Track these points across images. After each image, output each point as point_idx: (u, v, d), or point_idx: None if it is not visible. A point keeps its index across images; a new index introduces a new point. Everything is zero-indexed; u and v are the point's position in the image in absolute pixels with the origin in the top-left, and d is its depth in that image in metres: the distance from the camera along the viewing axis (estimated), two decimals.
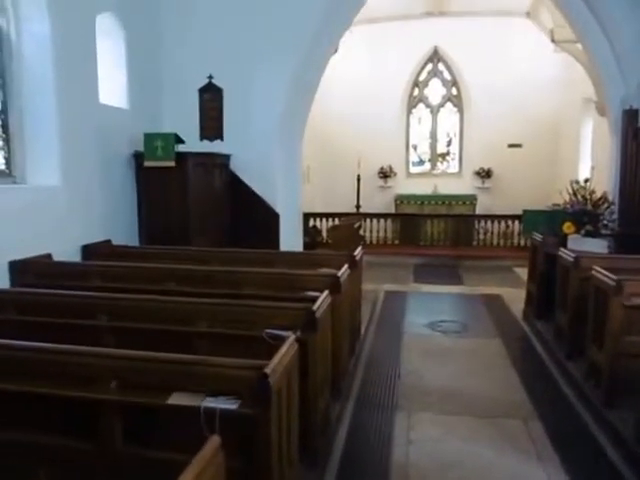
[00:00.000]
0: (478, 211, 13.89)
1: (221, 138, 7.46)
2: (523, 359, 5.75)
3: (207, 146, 7.38)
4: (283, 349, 2.46)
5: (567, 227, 6.45)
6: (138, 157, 6.50)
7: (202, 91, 7.41)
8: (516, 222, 12.15)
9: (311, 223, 12.37)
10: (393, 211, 14.06)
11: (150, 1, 7.14)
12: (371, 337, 6.31)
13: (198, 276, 4.54)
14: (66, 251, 5.37)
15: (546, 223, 8.36)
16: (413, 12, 13.58)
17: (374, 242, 12.56)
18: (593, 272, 4.49)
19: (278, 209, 7.41)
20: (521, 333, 6.61)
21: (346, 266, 4.56)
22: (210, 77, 7.36)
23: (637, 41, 6.61)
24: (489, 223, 12.49)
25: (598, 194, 6.59)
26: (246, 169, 7.34)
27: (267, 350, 2.74)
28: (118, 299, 3.66)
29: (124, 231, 6.51)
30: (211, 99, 7.41)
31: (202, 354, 3.25)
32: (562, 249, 5.64)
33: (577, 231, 6.46)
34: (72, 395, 2.49)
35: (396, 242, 12.64)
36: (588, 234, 6.38)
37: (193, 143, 7.06)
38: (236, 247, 6.77)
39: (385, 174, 14.70)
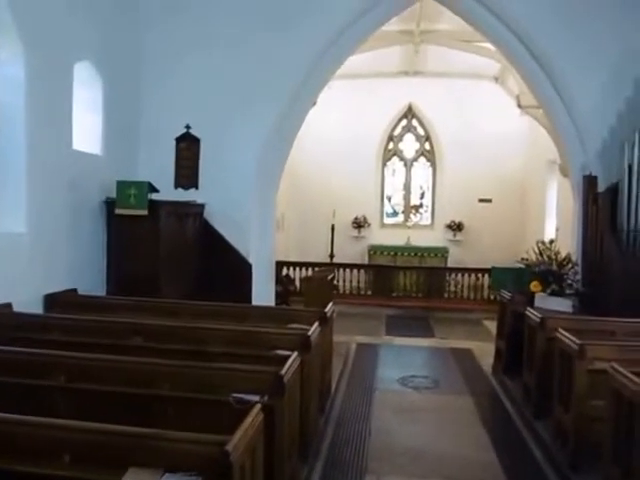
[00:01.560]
0: (449, 263, 14.08)
1: (196, 187, 7.51)
2: (493, 417, 5.75)
3: (182, 194, 7.41)
4: (247, 421, 2.42)
5: (534, 286, 6.58)
6: (110, 204, 6.44)
7: (179, 140, 7.49)
8: (486, 275, 12.36)
9: (284, 272, 12.36)
10: (366, 261, 14.18)
11: (129, 51, 7.25)
12: (342, 394, 6.24)
13: (164, 332, 4.46)
14: (28, 300, 5.20)
15: (514, 280, 8.54)
16: (389, 70, 14.07)
17: (347, 292, 12.59)
18: (558, 335, 4.57)
19: (251, 259, 7.41)
20: (491, 390, 6.62)
21: (317, 324, 4.56)
22: (187, 127, 7.46)
23: (594, 110, 6.92)
24: (460, 276, 12.66)
25: (563, 254, 6.76)
26: (220, 218, 7.36)
27: (233, 415, 2.69)
28: (77, 358, 3.54)
29: (92, 279, 6.39)
30: (187, 148, 7.49)
31: (164, 419, 3.17)
32: (529, 309, 5.75)
33: (543, 290, 6.60)
34: (20, 470, 2.32)
35: (369, 293, 12.68)
36: (554, 293, 6.52)
37: (167, 191, 7.03)
38: (207, 297, 6.69)
39: (359, 224, 14.86)
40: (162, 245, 6.35)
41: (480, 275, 12.50)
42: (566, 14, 6.95)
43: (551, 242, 6.83)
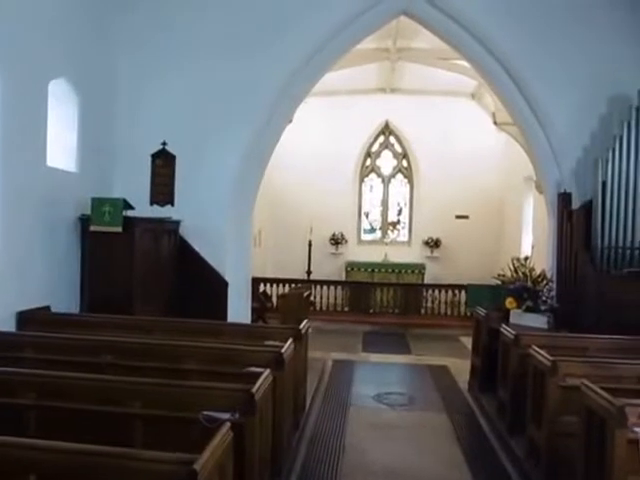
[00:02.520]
0: (426, 280, 14.16)
1: (172, 204, 7.46)
2: (467, 434, 5.75)
3: (157, 211, 7.36)
4: (216, 440, 2.38)
5: (509, 302, 6.63)
6: (85, 221, 6.38)
7: (155, 157, 7.45)
8: (463, 292, 12.47)
9: (261, 288, 12.30)
10: (343, 277, 14.20)
11: (106, 68, 7.22)
12: (316, 410, 6.20)
13: (138, 349, 4.41)
14: (0, 318, 5.13)
15: (489, 297, 8.61)
16: (367, 87, 14.24)
17: (324, 309, 12.57)
18: (531, 351, 4.60)
19: (227, 276, 7.37)
20: (466, 406, 6.63)
21: (290, 340, 4.54)
22: (164, 144, 7.42)
23: (568, 128, 7.07)
24: (437, 292, 12.73)
25: (538, 271, 6.84)
26: (196, 235, 7.31)
27: (205, 434, 2.65)
28: (48, 376, 3.49)
29: (65, 297, 6.30)
30: (163, 165, 7.45)
31: (135, 438, 3.16)
32: (503, 326, 5.79)
33: (518, 306, 6.66)
34: None
35: (346, 309, 12.68)
36: (529, 310, 6.58)
37: (143, 207, 7.01)
38: (182, 314, 6.68)
39: (336, 241, 14.90)
40: (137, 262, 6.28)
41: (457, 291, 12.60)
42: (541, 34, 7.10)
43: (526, 259, 6.91)
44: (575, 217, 6.62)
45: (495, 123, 11.56)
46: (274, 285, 12.44)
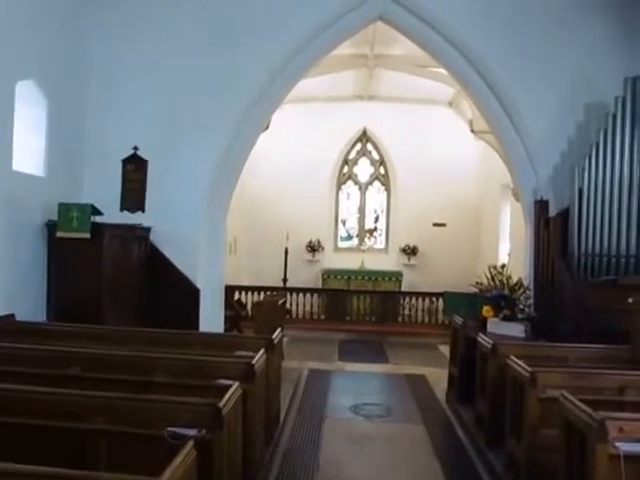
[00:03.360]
0: (404, 287, 14.09)
1: (143, 210, 7.25)
2: (445, 447, 5.63)
3: (128, 217, 7.15)
4: (177, 460, 2.22)
5: (486, 311, 6.56)
6: (51, 227, 6.18)
7: (126, 162, 7.25)
8: (440, 300, 12.41)
9: (236, 296, 12.11)
10: (320, 285, 14.04)
11: (75, 71, 7.01)
12: (291, 423, 6.02)
13: (105, 360, 4.21)
14: None
15: (467, 306, 8.54)
16: (344, 94, 14.18)
17: (300, 317, 12.41)
18: (509, 362, 4.51)
19: (199, 284, 7.18)
20: (444, 418, 6.52)
21: (262, 351, 4.37)
22: (135, 148, 7.22)
23: (545, 134, 7.05)
24: (414, 300, 12.66)
25: (515, 279, 6.79)
26: (167, 242, 7.12)
27: (170, 451, 2.49)
28: (6, 390, 3.28)
29: (31, 305, 6.07)
30: (135, 170, 7.25)
31: (99, 455, 2.99)
32: (481, 335, 5.70)
33: (496, 315, 6.59)
34: None
35: (322, 317, 12.52)
36: (506, 318, 6.51)
37: (113, 213, 6.84)
38: (153, 323, 6.50)
39: (313, 248, 14.76)
40: (105, 270, 6.08)
41: (434, 299, 12.55)
42: (519, 39, 7.07)
43: (503, 267, 6.85)
44: (552, 224, 6.58)
45: (472, 131, 11.59)
46: (249, 293, 12.26)
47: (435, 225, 14.75)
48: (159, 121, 7.19)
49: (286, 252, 14.03)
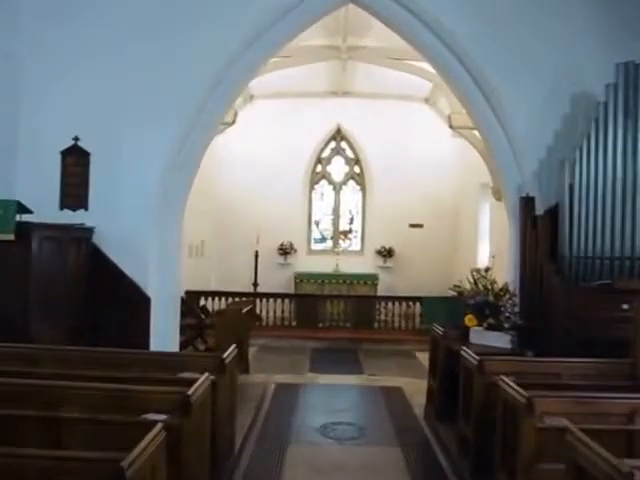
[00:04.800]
0: (380, 290, 13.46)
1: (85, 208, 6.45)
2: (425, 474, 4.97)
3: (69, 216, 6.35)
4: None
5: (469, 320, 5.92)
6: None
7: (65, 154, 6.43)
8: (417, 304, 11.84)
9: (202, 302, 11.33)
10: (292, 290, 13.29)
11: (6, 50, 6.20)
12: (250, 450, 5.27)
13: (10, 392, 3.41)
14: None
15: (446, 312, 7.90)
16: (317, 90, 13.50)
17: (271, 324, 11.69)
18: (500, 383, 3.84)
19: (150, 291, 6.40)
20: (422, 439, 5.85)
21: (205, 376, 3.63)
22: (76, 139, 6.42)
23: (530, 127, 6.45)
24: (390, 304, 12.01)
25: (499, 283, 6.16)
26: (113, 245, 6.32)
27: None
28: None
29: None
30: (76, 163, 6.44)
31: None
32: (464, 348, 5.02)
33: (479, 324, 5.95)
34: None
35: (294, 324, 11.78)
36: (490, 327, 5.87)
37: (51, 212, 6.09)
38: (94, 337, 5.74)
39: (285, 251, 14.03)
40: (34, 275, 5.26)
41: (411, 303, 11.95)
42: (503, 25, 6.49)
43: (487, 270, 6.20)
44: (540, 224, 5.94)
45: (451, 127, 10.98)
46: (216, 299, 11.47)
47: (412, 226, 14.17)
48: (104, 108, 6.40)
49: (256, 255, 13.30)
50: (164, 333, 6.60)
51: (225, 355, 4.28)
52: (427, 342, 7.47)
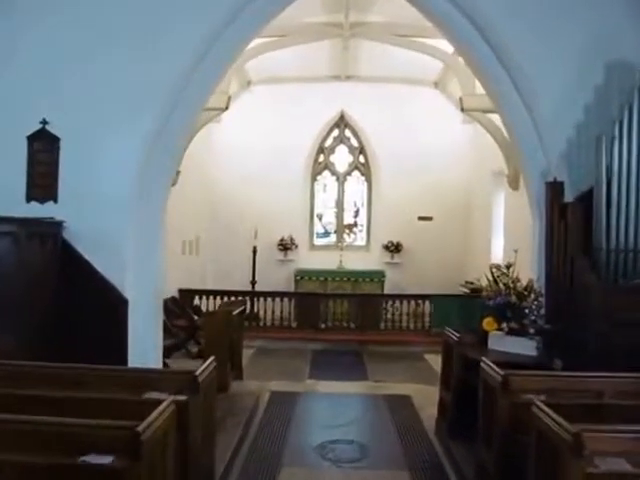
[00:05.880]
0: (387, 288, 12.73)
1: (55, 200, 5.75)
2: None
3: (36, 209, 5.65)
4: None
5: (488, 324, 5.18)
6: None
7: (32, 139, 5.72)
8: (427, 302, 11.10)
9: (196, 302, 10.68)
10: (292, 288, 12.56)
11: None
12: (234, 477, 4.57)
13: None
14: None
15: (459, 312, 7.18)
16: (319, 74, 12.74)
17: (269, 324, 10.99)
18: (534, 410, 3.08)
19: (127, 292, 5.70)
20: (434, 460, 5.12)
21: (167, 402, 2.90)
22: (44, 122, 5.71)
23: (557, 102, 5.69)
24: (398, 303, 11.25)
25: (523, 281, 5.40)
26: (86, 241, 5.61)
27: None
28: None
29: None
30: (43, 150, 5.73)
31: None
32: (484, 359, 4.27)
33: (499, 327, 5.21)
34: None
35: (294, 324, 11.05)
36: (512, 332, 5.13)
37: (16, 203, 5.44)
38: (63, 345, 5.06)
39: (285, 246, 13.31)
40: None
41: (420, 302, 11.20)
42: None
43: (508, 267, 5.42)
44: (570, 212, 5.14)
45: (462, 110, 10.17)
46: (211, 298, 10.76)
47: (421, 219, 13.43)
48: (75, 87, 5.69)
49: (254, 251, 12.58)
50: (145, 338, 5.90)
51: (199, 372, 3.55)
52: (437, 343, 6.82)
